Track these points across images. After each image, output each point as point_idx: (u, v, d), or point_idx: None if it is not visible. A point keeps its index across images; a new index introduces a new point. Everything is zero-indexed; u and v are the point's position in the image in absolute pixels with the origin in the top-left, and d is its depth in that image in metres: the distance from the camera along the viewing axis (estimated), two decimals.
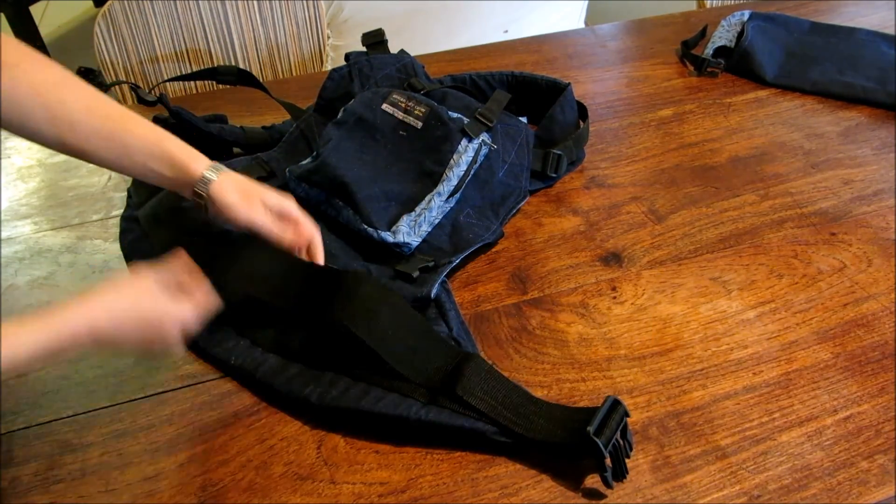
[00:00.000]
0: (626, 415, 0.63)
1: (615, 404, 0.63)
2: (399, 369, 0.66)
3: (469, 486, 0.62)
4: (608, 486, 0.61)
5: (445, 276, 0.80)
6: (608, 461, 0.60)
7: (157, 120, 0.95)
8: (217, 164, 0.70)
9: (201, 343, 0.72)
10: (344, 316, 0.67)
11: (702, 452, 0.64)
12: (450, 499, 0.61)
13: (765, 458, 0.64)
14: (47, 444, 0.66)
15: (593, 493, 0.61)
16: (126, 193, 0.93)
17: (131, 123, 0.67)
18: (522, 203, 0.91)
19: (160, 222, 0.83)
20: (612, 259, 0.84)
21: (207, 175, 0.69)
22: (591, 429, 0.60)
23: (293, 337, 0.71)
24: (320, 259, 0.74)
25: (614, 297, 0.80)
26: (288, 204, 0.73)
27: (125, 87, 1.07)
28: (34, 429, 0.67)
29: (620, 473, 0.61)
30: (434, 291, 0.75)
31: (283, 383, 0.68)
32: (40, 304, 0.80)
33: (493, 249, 0.86)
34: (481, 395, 0.64)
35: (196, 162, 0.69)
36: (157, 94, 0.95)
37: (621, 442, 0.62)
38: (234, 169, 0.86)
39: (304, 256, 0.75)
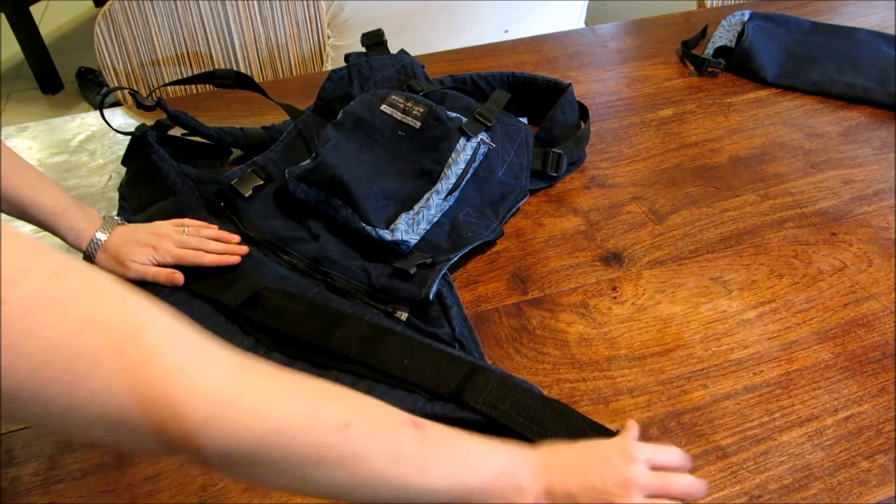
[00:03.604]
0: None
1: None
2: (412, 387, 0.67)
3: None
4: None
5: (448, 272, 0.80)
6: None
7: (159, 125, 0.95)
8: (96, 237, 0.77)
9: None
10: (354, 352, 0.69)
11: (702, 452, 0.64)
12: None
13: (765, 458, 0.64)
14: (47, 444, 0.66)
15: None
16: (118, 194, 0.91)
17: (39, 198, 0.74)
18: (522, 202, 0.91)
19: None
20: (613, 259, 0.84)
21: (89, 250, 0.77)
22: None
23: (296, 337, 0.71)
24: (235, 238, 0.82)
25: (615, 297, 0.79)
26: (164, 228, 0.79)
27: (124, 90, 1.08)
28: (34, 429, 0.67)
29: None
30: (433, 292, 0.75)
31: None
32: None
33: (494, 249, 0.86)
34: (494, 403, 0.63)
35: (83, 236, 0.77)
36: (156, 99, 0.94)
37: None
38: (230, 180, 0.86)
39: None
